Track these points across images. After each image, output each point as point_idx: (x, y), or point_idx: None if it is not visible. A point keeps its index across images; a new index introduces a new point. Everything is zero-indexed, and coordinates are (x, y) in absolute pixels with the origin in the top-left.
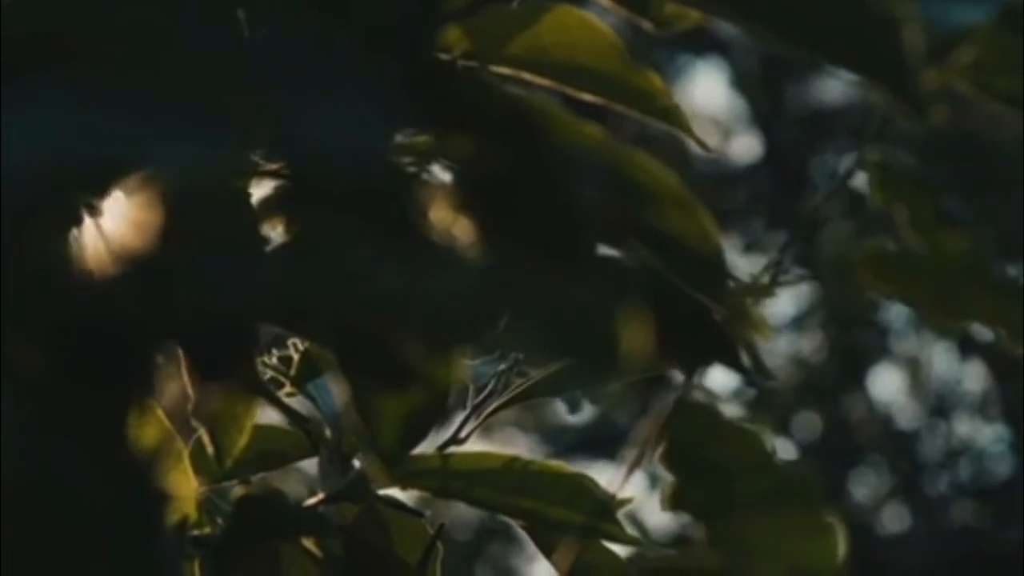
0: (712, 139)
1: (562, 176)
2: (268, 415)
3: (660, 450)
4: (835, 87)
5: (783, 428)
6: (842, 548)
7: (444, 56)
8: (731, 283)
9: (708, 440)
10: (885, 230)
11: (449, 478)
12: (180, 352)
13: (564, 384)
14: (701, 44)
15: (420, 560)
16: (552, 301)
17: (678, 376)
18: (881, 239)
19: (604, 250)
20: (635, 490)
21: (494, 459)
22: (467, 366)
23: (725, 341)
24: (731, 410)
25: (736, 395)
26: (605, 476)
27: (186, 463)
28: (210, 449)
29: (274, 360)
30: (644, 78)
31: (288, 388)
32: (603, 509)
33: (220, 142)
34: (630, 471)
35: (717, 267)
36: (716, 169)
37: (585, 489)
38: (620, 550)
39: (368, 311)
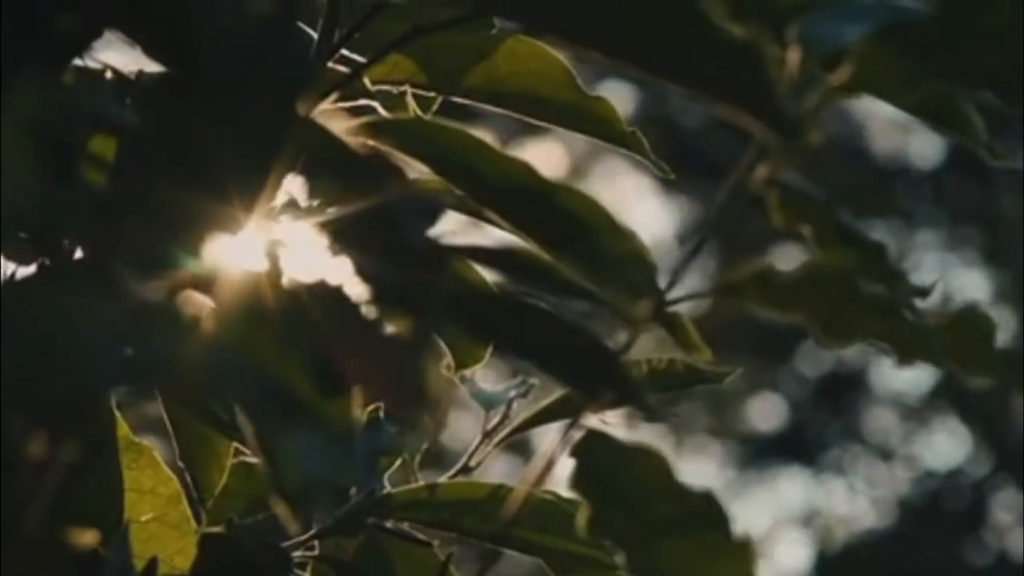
0: (892, 138)
1: (401, 220)
2: None
3: (571, 477)
4: None
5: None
6: (756, 566)
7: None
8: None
9: (614, 468)
10: None
11: (438, 509)
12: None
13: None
14: None
15: None
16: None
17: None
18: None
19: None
20: None
21: (481, 488)
22: (474, 393)
23: (618, 373)
24: (630, 436)
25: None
26: (799, 482)
27: (184, 505)
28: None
29: None
30: (599, 105)
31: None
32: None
33: None
34: (532, 491)
35: (650, 289)
36: (897, 168)
37: (572, 517)
38: None
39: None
